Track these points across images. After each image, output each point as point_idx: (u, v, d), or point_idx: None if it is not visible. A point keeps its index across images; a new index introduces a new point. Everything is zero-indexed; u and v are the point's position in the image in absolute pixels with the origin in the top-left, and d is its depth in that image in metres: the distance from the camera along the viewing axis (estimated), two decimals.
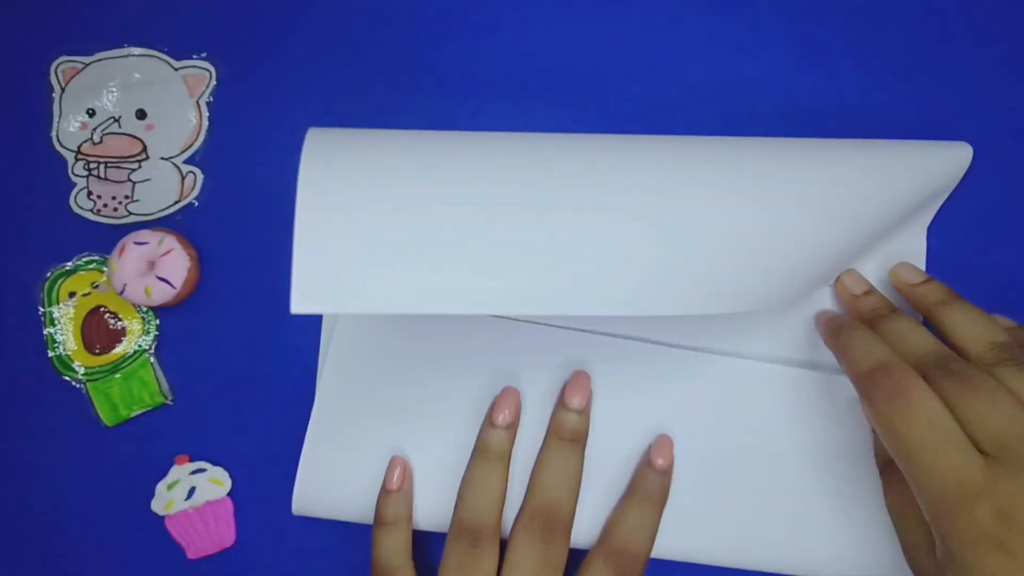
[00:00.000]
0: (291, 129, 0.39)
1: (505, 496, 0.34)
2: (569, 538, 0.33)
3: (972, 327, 0.31)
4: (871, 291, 0.35)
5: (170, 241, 0.37)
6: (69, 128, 0.40)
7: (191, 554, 0.38)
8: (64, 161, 0.39)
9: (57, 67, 0.40)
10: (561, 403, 0.35)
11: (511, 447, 0.35)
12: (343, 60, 0.40)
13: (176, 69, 0.40)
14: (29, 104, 0.40)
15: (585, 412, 0.35)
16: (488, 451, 0.34)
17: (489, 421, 0.35)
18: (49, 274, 0.39)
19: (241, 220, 0.39)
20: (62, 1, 0.40)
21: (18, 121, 0.40)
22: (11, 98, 0.40)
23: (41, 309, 0.39)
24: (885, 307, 0.34)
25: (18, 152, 0.40)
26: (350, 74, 0.40)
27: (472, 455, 0.35)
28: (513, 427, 0.35)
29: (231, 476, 0.38)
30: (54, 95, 0.40)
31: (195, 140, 0.40)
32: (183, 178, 0.39)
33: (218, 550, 0.38)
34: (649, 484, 0.34)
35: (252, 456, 0.38)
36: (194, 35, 0.40)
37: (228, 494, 0.38)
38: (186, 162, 0.39)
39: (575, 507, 0.33)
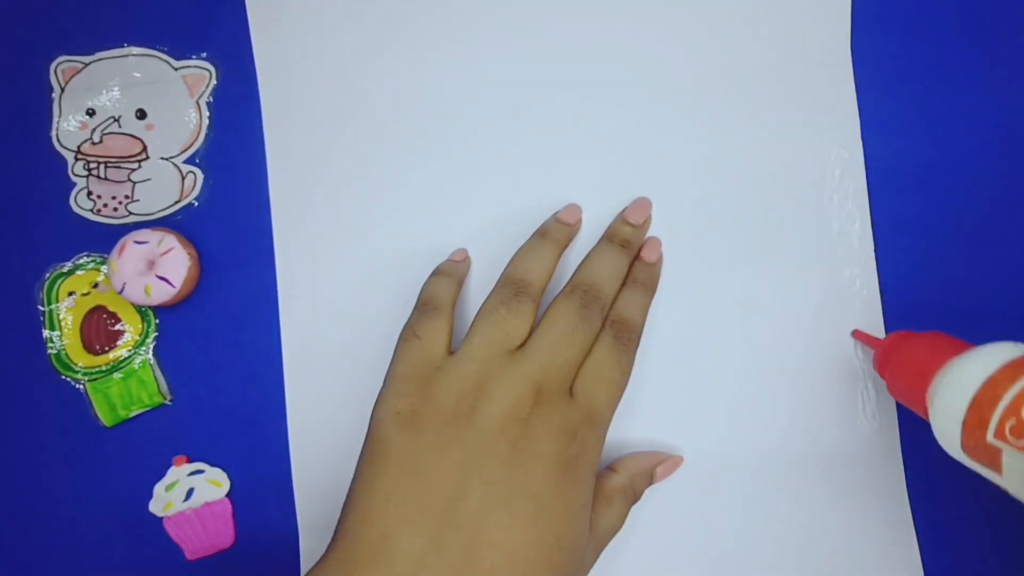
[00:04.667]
0: None
1: (552, 275, 0.35)
2: (604, 318, 0.34)
3: None
4: None
5: (170, 240, 0.37)
6: (69, 128, 0.40)
7: (190, 555, 0.38)
8: (64, 161, 0.39)
9: (57, 67, 0.40)
10: (622, 217, 0.37)
11: (568, 241, 0.37)
12: None
13: (176, 69, 0.40)
14: (29, 104, 0.40)
15: (641, 229, 0.37)
16: (547, 234, 0.36)
17: (554, 217, 0.37)
18: (49, 274, 0.39)
19: (241, 220, 0.39)
20: (62, 1, 0.40)
21: (18, 121, 0.40)
22: (11, 98, 0.40)
23: (41, 309, 0.39)
24: None
25: (18, 152, 0.40)
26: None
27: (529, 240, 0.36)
28: (573, 227, 0.37)
29: (229, 477, 0.38)
30: (54, 95, 0.40)
31: (195, 140, 0.39)
32: (183, 178, 0.39)
33: (217, 551, 0.38)
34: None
35: (250, 457, 0.38)
36: (194, 35, 0.40)
37: (227, 495, 0.38)
38: (186, 162, 0.39)
39: (614, 296, 0.35)
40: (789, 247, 0.38)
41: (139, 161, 0.39)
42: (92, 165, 0.39)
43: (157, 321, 0.39)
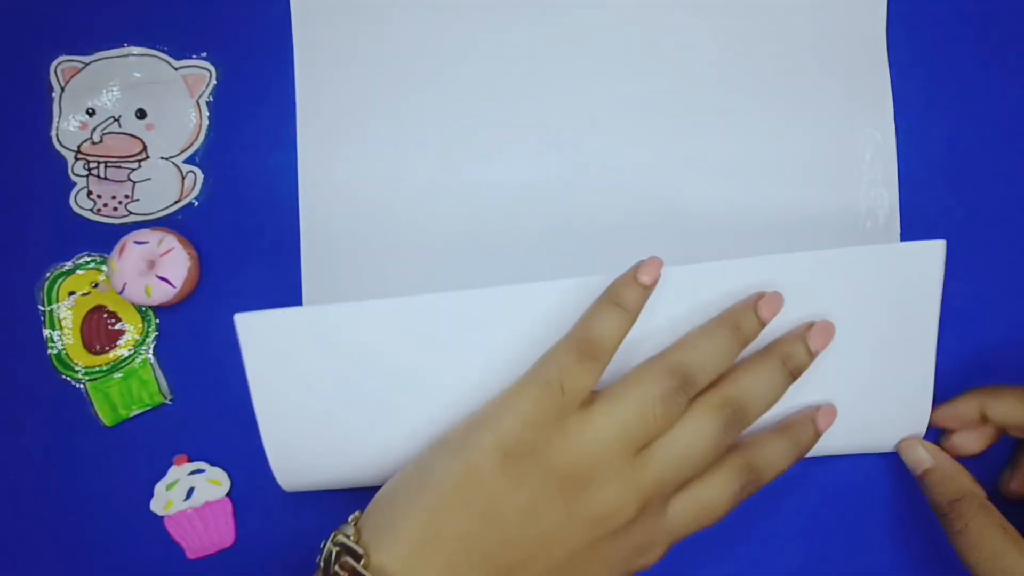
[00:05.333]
0: (291, 129, 0.39)
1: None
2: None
3: None
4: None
5: (170, 240, 0.37)
6: (69, 128, 0.40)
7: (190, 554, 0.38)
8: (64, 161, 0.39)
9: (57, 67, 0.40)
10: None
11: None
12: None
13: (176, 69, 0.40)
14: (29, 104, 0.40)
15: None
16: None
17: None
18: (49, 274, 0.39)
19: (241, 220, 0.39)
20: (62, 1, 0.40)
21: (18, 121, 0.40)
22: (11, 98, 0.40)
23: (41, 308, 0.39)
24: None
25: (18, 152, 0.40)
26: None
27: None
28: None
29: (230, 476, 0.38)
30: (54, 95, 0.40)
31: (195, 140, 0.40)
32: (183, 178, 0.39)
33: (217, 550, 0.38)
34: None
35: (251, 456, 0.38)
36: (194, 35, 0.40)
37: (227, 494, 0.38)
38: (186, 162, 0.39)
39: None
40: (815, 226, 0.38)
41: (139, 161, 0.39)
42: (92, 165, 0.39)
43: (157, 321, 0.39)
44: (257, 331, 0.34)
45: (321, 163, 0.39)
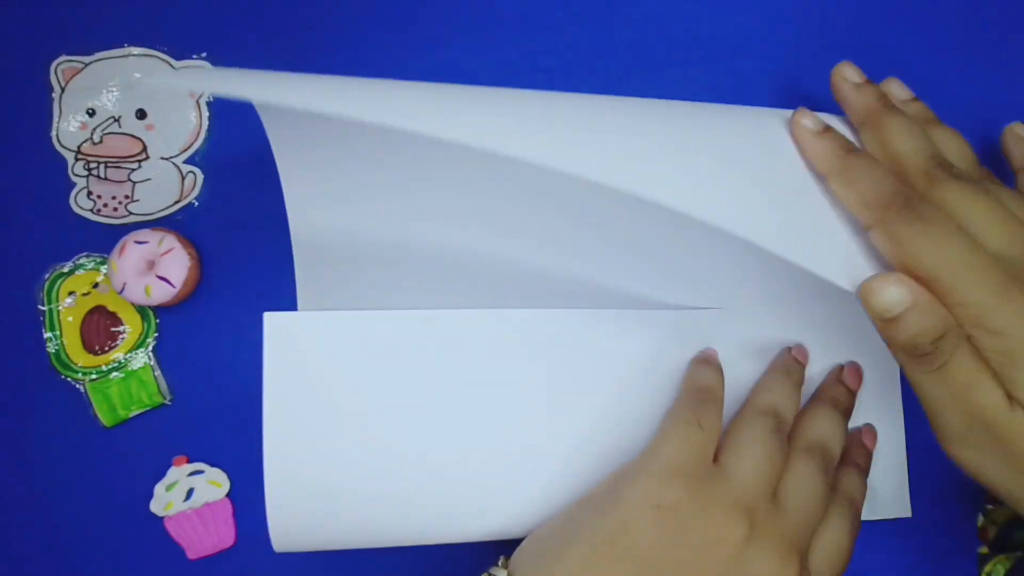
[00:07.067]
0: None
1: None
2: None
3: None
4: (869, 83, 0.33)
5: (170, 240, 0.37)
6: (69, 128, 0.40)
7: (191, 554, 0.38)
8: (64, 161, 0.39)
9: (57, 67, 0.40)
10: (841, 380, 0.36)
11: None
12: (341, 59, 0.40)
13: (176, 69, 0.40)
14: (29, 104, 0.40)
15: (855, 395, 0.36)
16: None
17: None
18: (48, 274, 0.39)
19: (241, 220, 0.39)
20: (62, 1, 0.40)
21: (18, 121, 0.40)
22: (11, 98, 0.40)
23: (41, 308, 0.39)
24: (884, 101, 0.32)
25: (18, 152, 0.40)
26: (347, 73, 0.40)
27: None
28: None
29: (229, 477, 0.38)
30: (54, 95, 0.40)
31: (195, 140, 0.40)
32: (183, 178, 0.39)
33: (218, 550, 0.38)
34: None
35: (251, 457, 0.38)
36: (194, 35, 0.40)
37: (227, 495, 0.38)
38: (186, 162, 0.39)
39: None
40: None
41: (139, 161, 0.39)
42: (92, 165, 0.39)
43: (157, 321, 0.39)
44: (284, 332, 0.33)
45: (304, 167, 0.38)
